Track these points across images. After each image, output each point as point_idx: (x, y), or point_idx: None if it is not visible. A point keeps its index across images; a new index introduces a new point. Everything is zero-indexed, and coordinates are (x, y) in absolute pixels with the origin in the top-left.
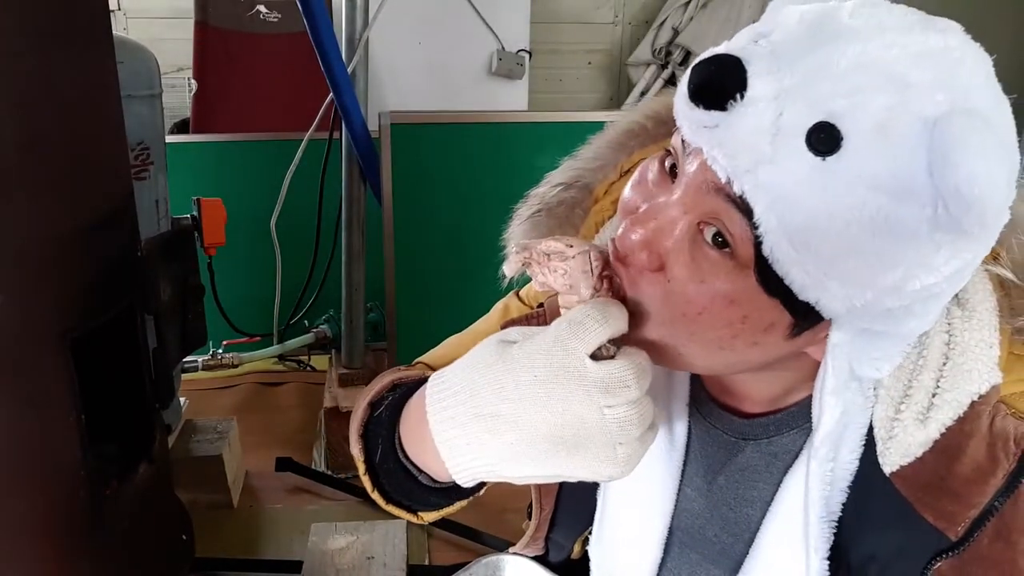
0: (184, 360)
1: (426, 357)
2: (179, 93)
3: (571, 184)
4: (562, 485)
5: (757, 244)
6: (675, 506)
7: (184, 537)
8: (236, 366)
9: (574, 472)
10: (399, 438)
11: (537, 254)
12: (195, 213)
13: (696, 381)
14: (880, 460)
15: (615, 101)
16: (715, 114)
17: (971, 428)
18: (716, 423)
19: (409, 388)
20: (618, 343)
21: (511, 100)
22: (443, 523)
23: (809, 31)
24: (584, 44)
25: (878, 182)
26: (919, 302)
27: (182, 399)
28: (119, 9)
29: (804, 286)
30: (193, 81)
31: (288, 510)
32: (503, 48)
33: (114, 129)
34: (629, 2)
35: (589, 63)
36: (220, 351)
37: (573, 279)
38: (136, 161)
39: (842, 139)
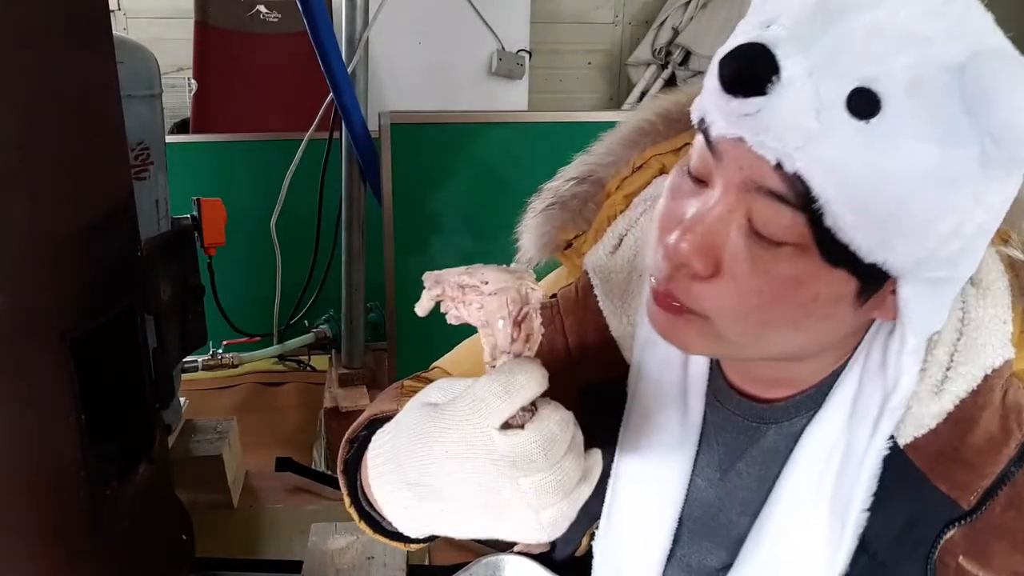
0: (184, 360)
1: (443, 361)
2: (179, 93)
3: (584, 179)
4: None
5: (814, 220)
6: (687, 497)
7: (184, 537)
8: (236, 366)
9: (507, 535)
10: (360, 486)
11: (451, 288)
12: (195, 213)
13: (715, 370)
14: (895, 432)
15: (615, 101)
16: (755, 100)
17: (984, 400)
18: (736, 410)
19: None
20: (535, 405)
21: (511, 100)
22: None
23: (817, 10)
24: (584, 44)
25: (923, 134)
26: (972, 241)
27: (182, 399)
28: (119, 9)
29: (870, 248)
30: (193, 81)
31: (288, 510)
32: (503, 48)
33: (114, 129)
34: (629, 2)
35: (589, 63)
36: (220, 351)
37: (489, 316)
38: (136, 161)
39: (880, 101)
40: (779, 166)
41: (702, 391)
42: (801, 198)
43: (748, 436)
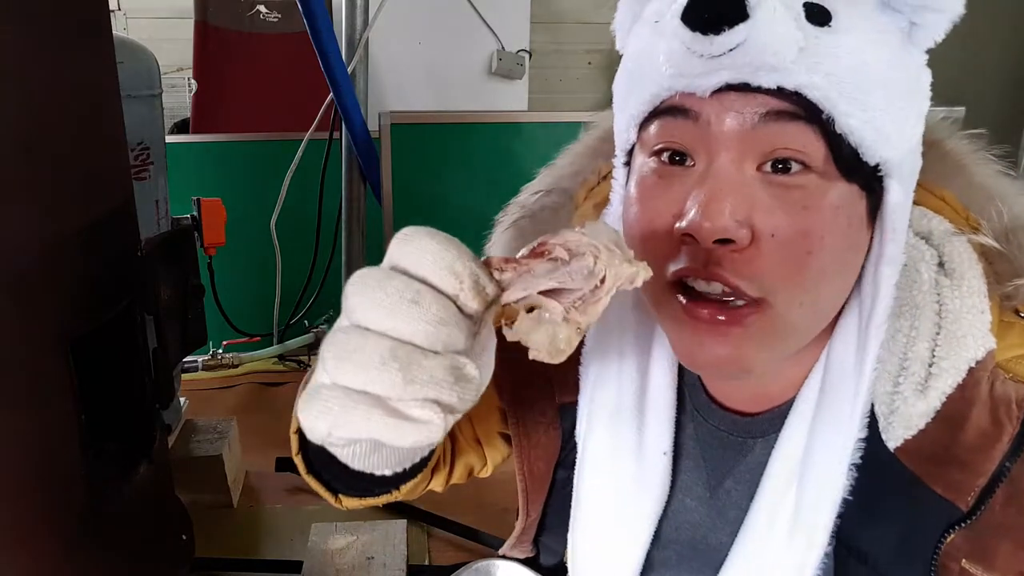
0: (184, 360)
1: None
2: (179, 93)
3: (550, 190)
4: (551, 490)
5: (826, 132)
6: (673, 518)
7: (184, 537)
8: (236, 366)
9: None
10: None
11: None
12: (195, 213)
13: (695, 386)
14: (884, 436)
15: None
16: (741, 28)
17: (972, 395)
18: (720, 425)
19: None
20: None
21: (511, 100)
22: (443, 523)
23: None
24: (584, 44)
25: (877, 24)
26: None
27: (182, 399)
28: (119, 9)
29: (874, 142)
30: (193, 81)
31: (288, 510)
32: (503, 48)
33: (114, 129)
34: None
35: (589, 63)
36: (220, 351)
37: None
38: (136, 161)
39: (829, 10)
40: (779, 89)
41: (669, 413)
42: (809, 111)
43: (735, 451)
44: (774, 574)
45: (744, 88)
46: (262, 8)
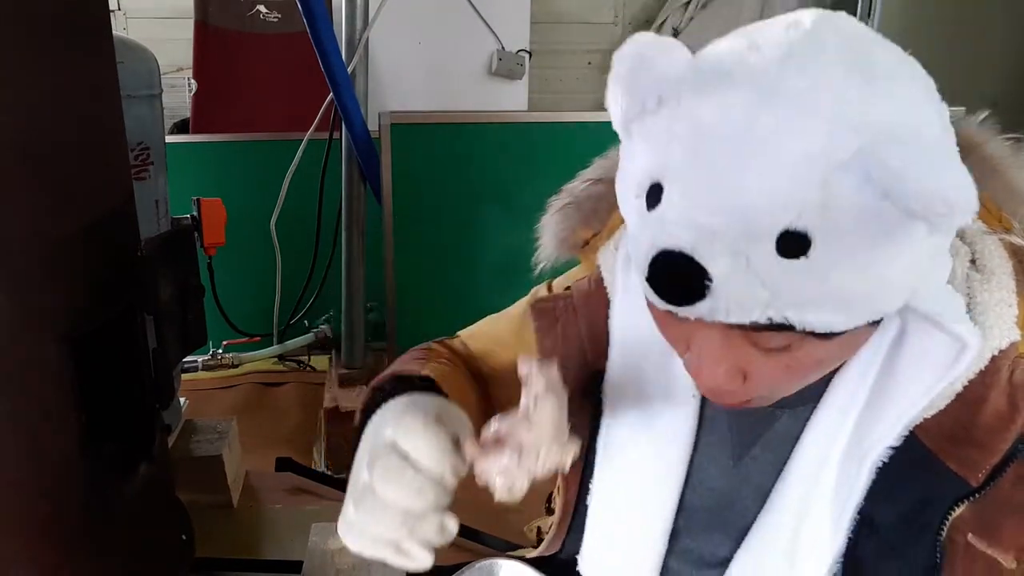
0: (184, 360)
1: (465, 333)
2: (179, 93)
3: (598, 180)
4: (581, 481)
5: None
6: (698, 487)
7: (184, 537)
8: (236, 366)
9: None
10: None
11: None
12: (195, 213)
13: None
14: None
15: None
16: (701, 305)
17: (992, 380)
18: None
19: (392, 390)
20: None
21: (511, 100)
22: None
23: (699, 167)
24: (584, 44)
25: (862, 239)
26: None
27: (182, 399)
28: (119, 9)
29: (860, 319)
30: (193, 81)
31: (288, 510)
32: (503, 48)
33: (114, 129)
34: (629, 2)
35: (589, 63)
36: (220, 351)
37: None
38: (136, 161)
39: (806, 234)
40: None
41: (690, 391)
42: (784, 326)
43: (763, 422)
44: (806, 534)
45: None
46: (262, 8)
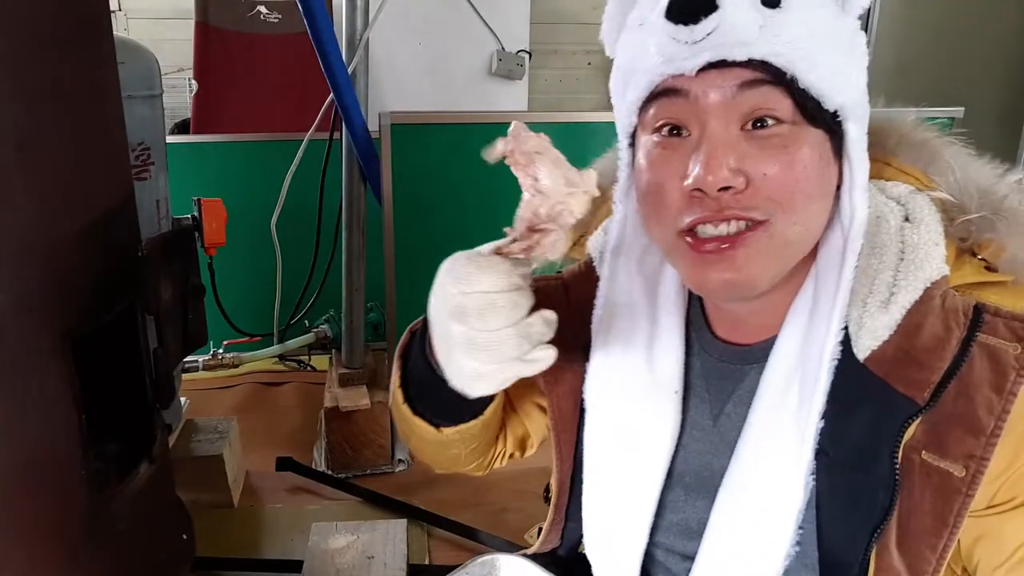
0: (184, 360)
1: None
2: (179, 93)
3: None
4: (575, 456)
5: (791, 89)
6: (683, 452)
7: (184, 537)
8: (236, 366)
9: (456, 375)
10: (428, 345)
11: (521, 154)
12: (195, 213)
13: (700, 324)
14: (854, 349)
15: None
16: (714, 16)
17: (927, 308)
18: (722, 356)
19: (426, 327)
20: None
21: (511, 100)
22: (443, 523)
23: None
24: (584, 44)
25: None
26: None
27: (183, 399)
28: (119, 9)
29: (830, 91)
30: (193, 81)
31: (288, 510)
32: (503, 48)
33: (114, 129)
34: None
35: (589, 63)
36: (220, 351)
37: (524, 202)
38: (136, 161)
39: None
40: (749, 61)
41: (676, 343)
42: (775, 76)
43: (733, 380)
44: (771, 479)
45: (721, 65)
46: (262, 8)
